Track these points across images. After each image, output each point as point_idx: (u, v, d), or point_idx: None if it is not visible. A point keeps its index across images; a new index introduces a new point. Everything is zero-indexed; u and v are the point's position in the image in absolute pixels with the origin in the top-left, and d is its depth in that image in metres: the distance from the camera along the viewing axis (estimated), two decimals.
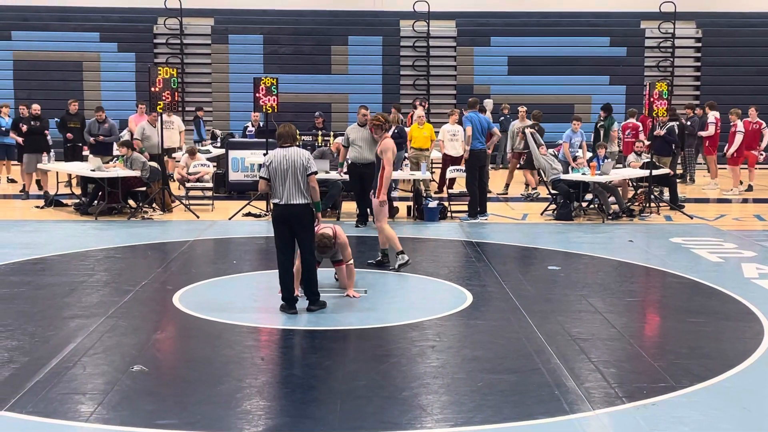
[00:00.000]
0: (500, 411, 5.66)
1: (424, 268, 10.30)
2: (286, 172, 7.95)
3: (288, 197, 7.93)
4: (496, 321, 7.95)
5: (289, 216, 7.93)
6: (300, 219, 7.97)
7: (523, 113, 17.70)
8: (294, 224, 7.96)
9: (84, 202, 14.78)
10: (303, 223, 8.00)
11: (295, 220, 7.95)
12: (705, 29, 26.89)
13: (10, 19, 26.40)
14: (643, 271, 10.50)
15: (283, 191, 7.94)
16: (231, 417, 5.55)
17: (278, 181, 7.98)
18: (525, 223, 14.23)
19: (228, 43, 26.24)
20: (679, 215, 14.90)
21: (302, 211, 7.97)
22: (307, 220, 8.03)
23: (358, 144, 13.03)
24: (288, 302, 8.07)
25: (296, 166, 7.95)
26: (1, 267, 10.08)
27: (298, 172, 7.93)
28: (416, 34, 26.30)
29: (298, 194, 7.94)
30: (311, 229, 8.13)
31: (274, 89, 14.49)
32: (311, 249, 8.11)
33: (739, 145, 17.94)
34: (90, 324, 7.58)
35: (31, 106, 17.37)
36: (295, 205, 7.93)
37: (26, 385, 6.00)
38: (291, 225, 7.96)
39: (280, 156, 8.03)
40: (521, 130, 17.35)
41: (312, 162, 8.07)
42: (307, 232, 8.07)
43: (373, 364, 6.62)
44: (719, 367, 6.57)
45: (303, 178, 7.93)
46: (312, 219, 8.09)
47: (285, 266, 8.04)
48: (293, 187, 7.92)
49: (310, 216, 8.05)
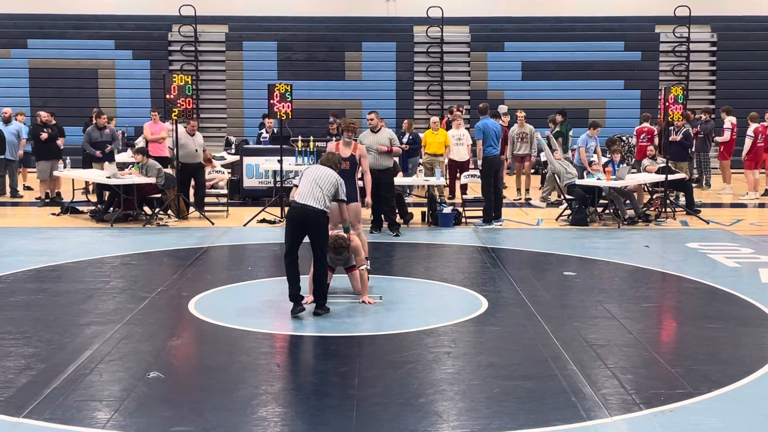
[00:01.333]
0: (516, 418, 5.63)
1: (439, 274, 10.28)
2: (314, 180, 8.13)
3: (307, 199, 8.02)
4: (512, 327, 7.93)
5: (306, 218, 8.01)
6: (315, 223, 8.03)
7: (522, 118, 17.64)
8: (310, 228, 8.04)
9: (100, 209, 14.84)
10: (318, 227, 8.05)
11: (310, 222, 8.01)
12: (720, 33, 26.78)
13: (25, 27, 26.59)
14: (659, 276, 10.44)
15: (304, 193, 8.05)
16: (247, 424, 5.55)
17: (303, 184, 8.14)
18: (540, 229, 14.19)
19: (242, 50, 26.35)
20: (696, 220, 14.82)
21: (318, 216, 8.03)
22: (323, 226, 8.09)
23: (373, 150, 13.01)
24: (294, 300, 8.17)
25: (327, 180, 8.16)
26: (18, 274, 10.13)
27: (325, 186, 8.11)
28: (430, 40, 26.32)
29: (317, 201, 8.02)
30: (325, 235, 8.18)
31: (288, 95, 14.51)
32: (325, 252, 8.20)
33: (749, 149, 17.84)
34: (106, 331, 7.61)
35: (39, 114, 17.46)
36: (312, 208, 7.99)
37: (43, 392, 6.02)
38: (305, 228, 8.06)
39: (315, 168, 8.35)
40: (521, 134, 17.34)
41: (342, 190, 8.29)
42: (322, 238, 8.11)
43: (389, 370, 6.61)
44: (737, 373, 6.52)
45: (327, 193, 8.09)
46: (326, 226, 8.18)
47: (289, 270, 8.16)
48: (315, 194, 8.03)
49: (324, 223, 8.11)
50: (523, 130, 17.45)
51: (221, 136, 23.53)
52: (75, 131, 20.57)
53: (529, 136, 17.36)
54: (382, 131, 13.06)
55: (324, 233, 8.14)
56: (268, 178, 16.75)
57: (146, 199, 14.76)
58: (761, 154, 17.94)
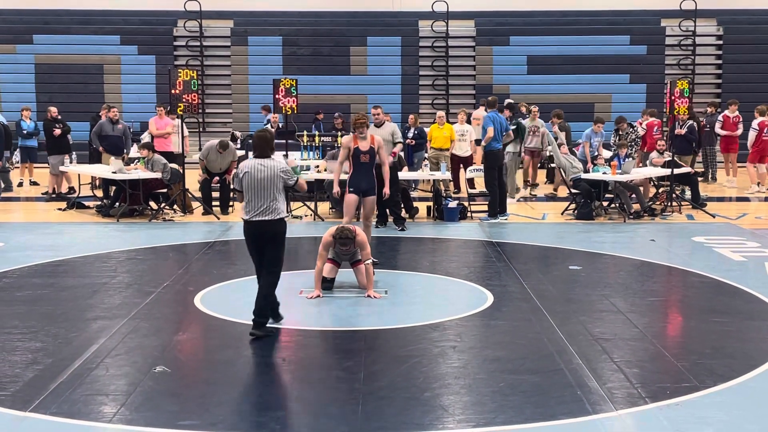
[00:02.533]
0: (522, 412, 5.64)
1: (444, 269, 10.29)
2: (257, 186, 7.31)
3: (259, 213, 7.31)
4: (518, 321, 7.93)
5: (264, 233, 7.34)
6: (274, 235, 7.35)
7: (535, 112, 17.66)
8: (267, 240, 7.35)
9: (106, 204, 14.86)
10: (276, 238, 7.37)
11: (269, 236, 7.33)
12: (726, 27, 26.70)
13: (31, 22, 26.61)
14: (665, 270, 10.43)
15: (254, 206, 7.33)
16: (253, 418, 5.57)
17: (250, 193, 7.35)
18: (545, 223, 14.18)
19: (247, 45, 26.34)
20: (701, 214, 14.80)
21: (277, 227, 7.36)
22: (280, 235, 7.39)
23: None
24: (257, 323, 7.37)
25: (272, 179, 7.31)
26: (25, 269, 10.16)
27: (272, 186, 7.30)
28: (435, 34, 26.28)
29: (271, 209, 7.31)
30: (281, 245, 7.43)
31: (293, 90, 14.51)
32: (276, 268, 7.46)
33: (753, 142, 17.80)
34: (113, 325, 7.63)
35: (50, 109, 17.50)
36: (268, 221, 7.31)
37: (50, 386, 6.04)
38: (264, 241, 7.36)
39: (253, 168, 7.37)
40: (533, 128, 17.36)
41: (290, 173, 7.43)
42: (277, 248, 7.40)
43: (394, 364, 6.61)
44: (743, 367, 6.51)
45: (278, 193, 7.31)
46: (284, 234, 7.44)
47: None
48: (266, 202, 7.29)
49: (282, 231, 7.40)
50: (535, 123, 17.44)
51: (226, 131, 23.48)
52: (81, 126, 20.59)
53: (541, 131, 17.36)
54: (386, 126, 13.08)
55: (278, 244, 7.40)
56: None
57: (152, 194, 14.78)
58: (766, 148, 17.86)
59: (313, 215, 14.32)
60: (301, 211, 14.67)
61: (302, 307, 8.47)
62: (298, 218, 14.31)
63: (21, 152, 18.90)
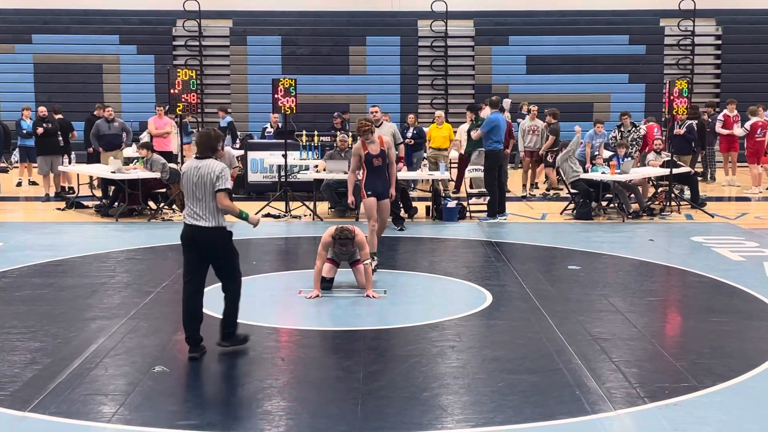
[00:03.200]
0: (521, 411, 5.64)
1: (443, 268, 10.29)
2: (192, 189, 6.73)
3: (193, 218, 6.73)
4: (516, 321, 7.93)
5: (198, 240, 6.74)
6: (212, 244, 6.75)
7: (534, 112, 17.66)
8: (205, 250, 6.77)
9: (105, 204, 14.86)
10: (216, 248, 6.78)
11: (206, 245, 6.75)
12: (725, 26, 26.71)
13: (30, 22, 26.60)
14: (664, 270, 10.43)
15: (189, 210, 6.77)
16: (252, 417, 5.57)
17: (187, 196, 6.81)
18: (544, 223, 14.18)
19: (246, 45, 26.34)
20: (700, 214, 14.80)
21: (212, 235, 6.73)
22: (221, 245, 6.78)
23: None
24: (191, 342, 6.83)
25: (206, 183, 6.67)
26: (24, 269, 10.16)
27: (207, 190, 6.66)
28: (434, 34, 26.27)
29: (206, 215, 6.69)
30: (230, 253, 6.88)
31: (292, 90, 14.51)
32: (234, 275, 6.95)
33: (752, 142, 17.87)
34: (112, 325, 7.63)
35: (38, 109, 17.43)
36: (202, 228, 6.70)
37: (49, 386, 6.04)
38: (201, 250, 6.77)
39: (191, 169, 6.79)
40: (532, 128, 17.36)
41: (223, 178, 6.67)
42: (226, 257, 6.85)
43: (393, 364, 6.62)
44: (742, 366, 6.52)
45: (213, 200, 6.66)
46: (227, 243, 6.82)
47: (190, 302, 6.86)
48: (201, 208, 6.69)
49: (223, 241, 6.79)
50: (535, 123, 17.45)
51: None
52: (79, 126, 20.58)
53: (540, 130, 17.36)
54: (385, 126, 13.09)
55: (223, 253, 6.82)
56: (272, 172, 16.75)
57: (151, 194, 14.78)
58: (761, 149, 17.94)
59: (312, 215, 14.32)
60: (300, 211, 14.67)
61: (301, 307, 8.48)
62: (297, 218, 14.32)
63: (20, 152, 18.89)
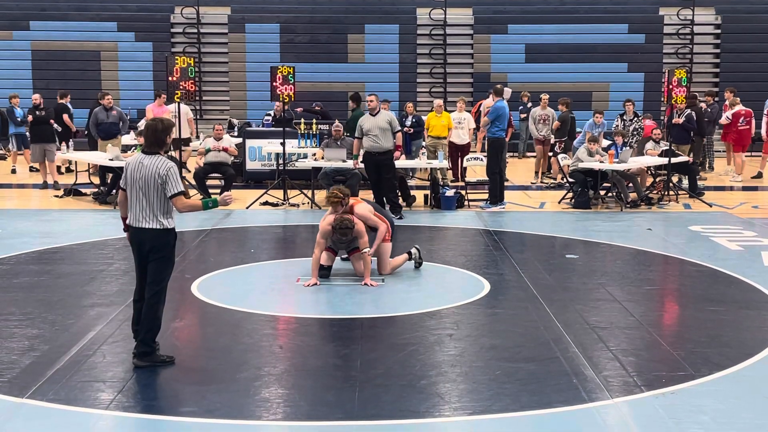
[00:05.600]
0: (518, 399, 5.65)
1: (441, 257, 10.29)
2: (134, 186, 6.23)
3: (136, 218, 6.25)
4: (514, 310, 7.94)
5: (140, 242, 6.28)
6: (152, 246, 6.25)
7: (545, 100, 17.68)
8: (144, 251, 6.30)
9: (102, 191, 14.85)
10: (155, 250, 6.26)
11: (147, 246, 6.26)
12: (724, 16, 26.65)
13: (28, 9, 26.52)
14: (661, 259, 10.45)
15: (132, 209, 6.28)
16: (250, 405, 5.58)
17: (130, 194, 6.28)
18: (542, 212, 14.19)
19: (245, 32, 26.25)
20: (698, 203, 14.81)
21: (154, 237, 6.23)
22: (160, 248, 6.26)
23: (373, 133, 12.96)
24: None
25: (149, 182, 6.17)
26: (22, 256, 10.16)
27: (150, 189, 6.17)
28: (433, 22, 26.21)
29: (148, 216, 6.21)
30: (164, 260, 6.31)
31: (291, 78, 14.48)
32: (158, 282, 6.33)
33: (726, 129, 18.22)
34: (109, 312, 7.63)
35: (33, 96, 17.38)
36: (145, 229, 6.23)
37: (47, 372, 6.05)
38: (141, 252, 6.32)
39: (135, 164, 6.27)
40: (543, 116, 17.36)
41: (171, 181, 6.13)
42: (158, 261, 6.27)
43: (391, 352, 6.63)
44: (739, 355, 6.54)
45: (159, 199, 6.18)
46: (166, 248, 6.30)
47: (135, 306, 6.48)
48: (143, 207, 6.21)
49: (163, 244, 6.27)
50: (545, 112, 17.42)
51: (224, 118, 23.47)
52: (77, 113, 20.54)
53: (550, 119, 17.35)
54: (381, 114, 13.07)
55: (159, 256, 6.29)
56: (270, 160, 16.73)
57: None
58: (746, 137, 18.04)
59: (310, 203, 14.32)
60: (298, 199, 14.66)
61: (299, 294, 8.48)
62: (295, 206, 14.31)
63: (16, 139, 18.86)
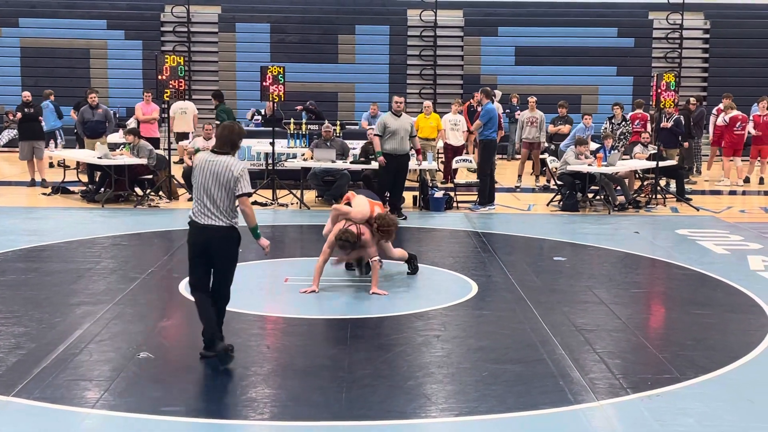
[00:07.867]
0: (504, 401, 5.67)
1: (429, 258, 10.30)
2: (206, 185, 6.35)
3: (204, 216, 6.39)
4: (501, 311, 7.96)
5: (206, 240, 6.38)
6: (220, 245, 6.39)
7: (533, 103, 17.71)
8: (212, 251, 6.40)
9: (91, 189, 14.81)
10: (222, 250, 6.40)
11: (215, 246, 6.38)
12: (713, 20, 26.76)
13: (17, 5, 26.38)
14: (648, 262, 10.49)
15: (199, 207, 6.42)
16: (236, 404, 5.58)
17: (197, 193, 6.44)
18: (531, 214, 14.22)
19: (235, 32, 26.19)
20: (686, 207, 14.88)
21: (223, 235, 6.36)
22: (228, 247, 6.41)
23: (399, 135, 12.99)
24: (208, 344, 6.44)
25: (220, 180, 6.31)
26: (9, 253, 10.12)
27: (223, 188, 6.31)
28: (423, 24, 26.23)
29: (218, 214, 6.34)
30: (232, 259, 6.49)
31: (281, 78, 14.47)
32: (228, 283, 6.53)
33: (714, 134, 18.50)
34: (97, 311, 7.62)
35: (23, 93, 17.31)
36: (214, 227, 6.35)
37: (33, 371, 6.03)
38: (208, 252, 6.40)
39: (205, 162, 6.43)
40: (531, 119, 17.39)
41: (244, 181, 6.31)
42: (226, 261, 6.45)
43: (378, 353, 6.64)
44: (724, 358, 6.57)
45: (228, 198, 6.32)
46: (235, 246, 6.45)
47: (204, 304, 6.50)
48: (212, 206, 6.34)
49: (232, 242, 6.41)
50: (534, 114, 17.43)
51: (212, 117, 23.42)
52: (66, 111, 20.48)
53: (539, 122, 17.37)
54: (404, 116, 13.25)
55: (228, 256, 6.44)
56: (260, 160, 16.72)
57: (137, 180, 14.73)
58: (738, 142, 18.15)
59: (298, 203, 14.31)
60: (287, 199, 14.65)
61: (287, 295, 8.48)
62: (284, 206, 14.30)
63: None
